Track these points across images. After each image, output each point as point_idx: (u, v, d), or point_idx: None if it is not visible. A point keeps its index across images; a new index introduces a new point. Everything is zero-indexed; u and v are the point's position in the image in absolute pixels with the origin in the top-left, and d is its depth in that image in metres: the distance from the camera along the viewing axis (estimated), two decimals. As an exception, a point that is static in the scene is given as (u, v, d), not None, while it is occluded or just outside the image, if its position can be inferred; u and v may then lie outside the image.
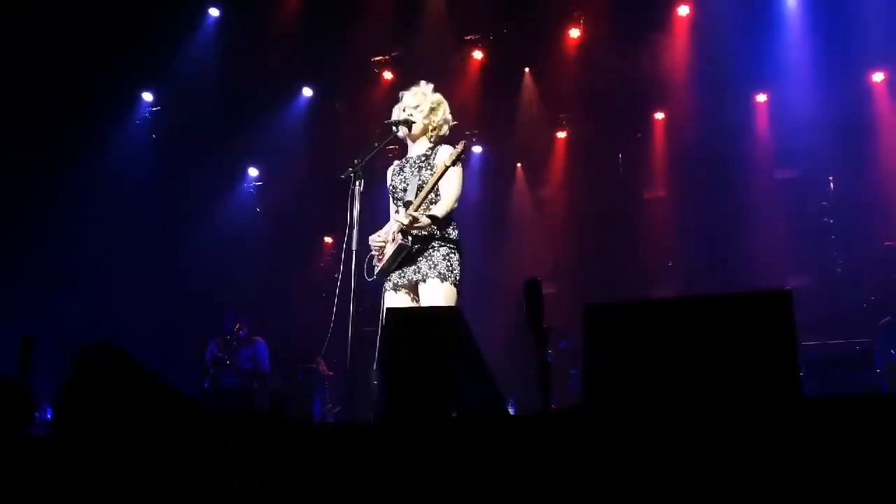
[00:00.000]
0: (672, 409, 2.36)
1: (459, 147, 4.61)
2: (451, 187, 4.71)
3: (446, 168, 4.53)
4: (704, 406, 2.35)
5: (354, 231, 4.76)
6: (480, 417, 3.26)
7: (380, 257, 4.85)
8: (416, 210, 4.63)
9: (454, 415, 3.06)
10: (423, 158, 4.88)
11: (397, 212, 4.89)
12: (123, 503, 2.63)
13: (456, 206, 4.77)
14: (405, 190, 4.82)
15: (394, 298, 4.76)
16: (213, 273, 10.41)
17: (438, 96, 5.02)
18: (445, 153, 4.75)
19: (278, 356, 9.38)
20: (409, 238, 4.66)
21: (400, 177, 4.91)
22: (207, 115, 10.50)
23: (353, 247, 4.75)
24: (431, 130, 4.98)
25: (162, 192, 10.81)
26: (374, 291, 5.04)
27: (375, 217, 5.18)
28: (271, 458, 2.64)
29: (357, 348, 4.69)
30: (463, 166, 4.79)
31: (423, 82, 5.05)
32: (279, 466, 2.61)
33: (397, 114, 5.01)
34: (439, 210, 4.66)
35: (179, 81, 10.24)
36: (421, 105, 4.95)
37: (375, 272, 4.86)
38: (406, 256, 4.70)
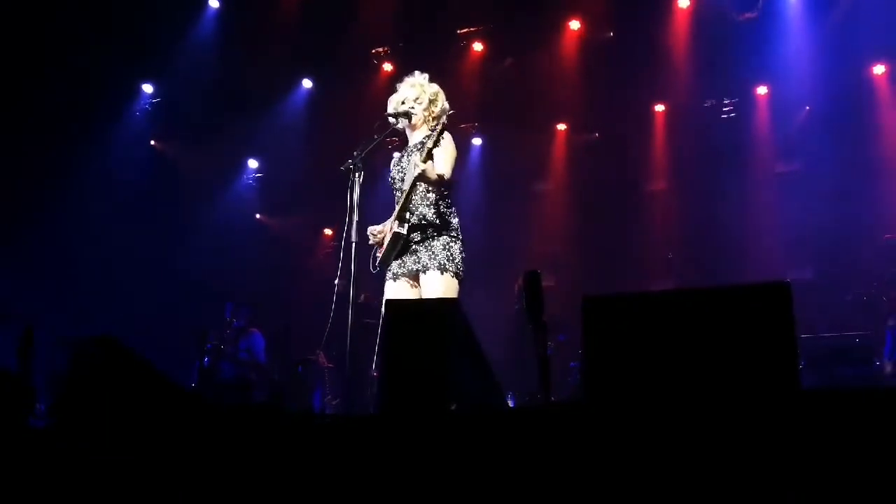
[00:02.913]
0: (671, 401, 2.37)
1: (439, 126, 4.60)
2: (442, 155, 4.65)
3: (430, 150, 4.48)
4: (704, 398, 2.35)
5: (354, 223, 4.74)
6: (479, 410, 3.27)
7: (380, 249, 4.84)
8: (403, 210, 4.65)
9: (453, 407, 3.06)
10: (419, 147, 4.84)
11: (396, 203, 4.88)
12: (123, 494, 2.63)
13: (450, 173, 4.72)
14: (402, 180, 4.81)
15: (393, 288, 4.73)
16: (212, 264, 10.41)
17: (435, 87, 5.01)
18: (441, 142, 4.66)
19: (278, 348, 9.38)
20: (405, 226, 4.66)
21: (398, 167, 4.91)
22: (207, 107, 10.49)
23: (353, 238, 4.72)
24: (432, 120, 4.97)
25: (162, 183, 10.81)
26: (374, 284, 5.03)
27: (375, 209, 5.17)
28: (270, 449, 2.64)
29: (357, 340, 4.68)
30: (455, 140, 4.79)
31: (417, 73, 5.03)
32: (278, 458, 2.61)
33: (394, 105, 5.00)
34: (443, 168, 4.61)
35: (180, 73, 10.24)
36: (420, 97, 4.94)
37: (377, 263, 4.85)
38: (403, 245, 4.69)
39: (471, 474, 2.40)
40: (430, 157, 4.49)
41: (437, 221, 4.70)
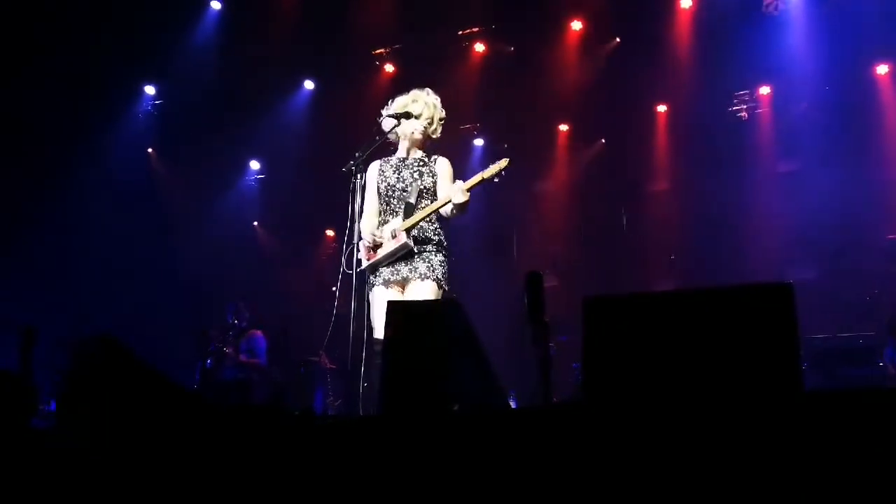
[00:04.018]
0: (673, 402, 2.36)
1: (503, 163, 4.75)
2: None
3: (483, 179, 4.70)
4: (705, 399, 2.34)
5: (356, 224, 4.79)
6: (481, 411, 3.26)
7: (371, 253, 4.88)
8: (410, 225, 4.77)
9: (455, 408, 3.05)
10: (422, 163, 5.02)
11: (385, 210, 4.96)
12: (124, 495, 2.63)
13: None
14: (404, 190, 4.92)
15: (385, 294, 4.80)
16: (214, 266, 10.42)
17: (443, 112, 5.13)
18: (444, 164, 5.00)
19: (280, 349, 9.38)
20: (412, 238, 4.78)
21: (396, 175, 4.97)
22: (209, 109, 10.51)
23: (355, 239, 4.78)
24: (427, 142, 5.12)
25: (164, 185, 10.82)
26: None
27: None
28: (272, 450, 2.64)
29: (358, 341, 4.69)
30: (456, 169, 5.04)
31: (429, 91, 5.12)
32: (279, 459, 2.61)
33: (398, 108, 5.04)
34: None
35: (182, 75, 10.25)
36: (431, 119, 5.06)
37: (363, 265, 4.89)
38: (403, 255, 4.80)
39: (473, 475, 2.39)
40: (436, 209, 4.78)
41: (434, 238, 4.89)
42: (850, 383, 7.03)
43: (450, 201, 4.70)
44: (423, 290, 4.74)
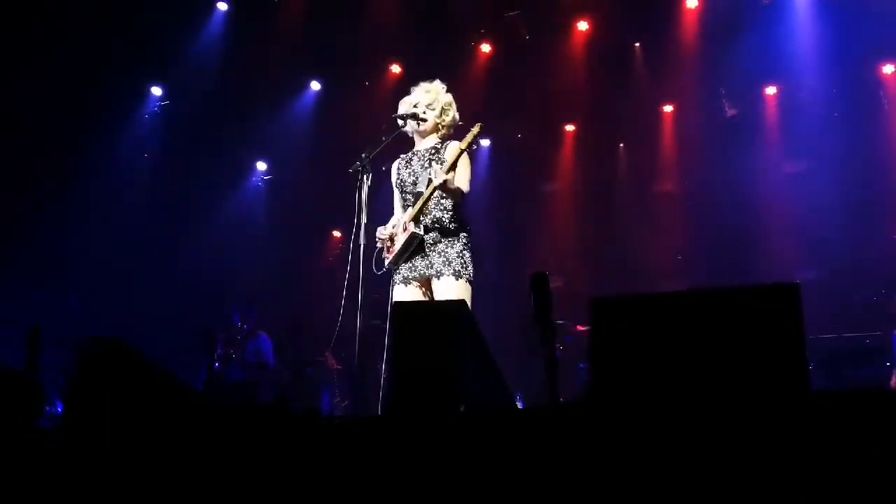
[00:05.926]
0: (680, 402, 2.35)
1: (476, 129, 4.66)
2: (462, 171, 4.72)
3: (461, 151, 4.57)
4: (712, 400, 2.34)
5: (362, 225, 4.76)
6: (488, 411, 3.26)
7: (389, 250, 4.85)
8: (419, 213, 4.68)
9: (462, 409, 3.05)
10: (432, 152, 4.88)
11: (405, 207, 4.90)
12: (130, 495, 2.63)
13: (468, 190, 4.79)
14: (415, 183, 4.83)
15: (404, 292, 4.75)
16: (221, 267, 10.42)
17: (450, 97, 5.05)
18: (451, 148, 4.78)
19: (286, 350, 9.38)
20: (422, 227, 4.68)
21: (408, 170, 4.91)
22: (216, 110, 10.50)
23: (361, 240, 4.74)
24: (442, 129, 5.00)
25: (170, 186, 10.82)
26: (383, 285, 5.03)
27: (383, 211, 5.18)
28: (278, 451, 2.64)
29: (365, 342, 4.69)
30: (471, 155, 4.82)
31: (437, 81, 5.06)
32: (286, 459, 2.61)
33: (406, 108, 5.02)
34: (464, 185, 4.70)
35: (188, 76, 10.25)
36: (433, 104, 4.97)
37: (386, 264, 4.85)
38: (417, 246, 4.72)
39: (479, 475, 2.39)
40: (453, 168, 4.57)
41: (451, 227, 4.76)
42: (856, 384, 7.01)
43: (435, 188, 4.59)
44: (444, 286, 4.61)
